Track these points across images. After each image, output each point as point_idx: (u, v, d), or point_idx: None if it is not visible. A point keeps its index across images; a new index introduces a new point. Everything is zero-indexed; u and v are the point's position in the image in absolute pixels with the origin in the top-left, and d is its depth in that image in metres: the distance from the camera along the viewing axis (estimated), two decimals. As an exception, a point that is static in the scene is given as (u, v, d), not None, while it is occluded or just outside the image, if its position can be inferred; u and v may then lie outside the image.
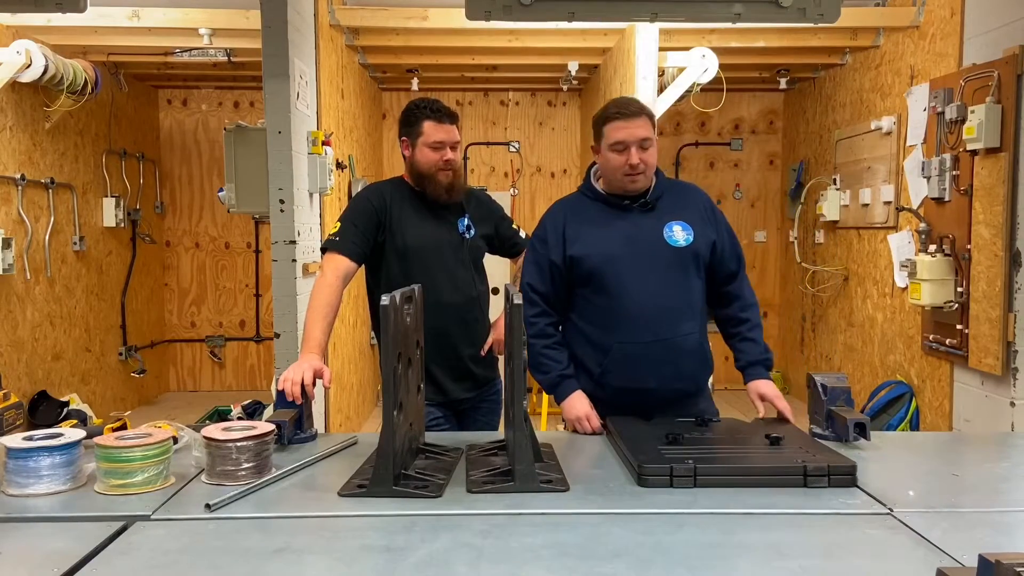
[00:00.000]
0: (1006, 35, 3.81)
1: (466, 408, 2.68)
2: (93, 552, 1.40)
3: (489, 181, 7.10)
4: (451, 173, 2.55)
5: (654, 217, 2.34)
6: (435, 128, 2.53)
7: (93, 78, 5.21)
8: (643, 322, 2.28)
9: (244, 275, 7.15)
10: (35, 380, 5.11)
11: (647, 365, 2.29)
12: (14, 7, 3.28)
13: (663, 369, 2.29)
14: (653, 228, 2.32)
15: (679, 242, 2.31)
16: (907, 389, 4.70)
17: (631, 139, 2.26)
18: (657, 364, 2.29)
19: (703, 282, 2.39)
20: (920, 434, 3.93)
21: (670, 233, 2.32)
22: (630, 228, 2.33)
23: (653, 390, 2.30)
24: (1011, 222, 3.74)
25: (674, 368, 2.30)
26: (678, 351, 2.30)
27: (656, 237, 2.31)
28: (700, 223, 2.36)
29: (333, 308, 2.42)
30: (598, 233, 2.33)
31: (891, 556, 1.41)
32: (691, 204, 2.41)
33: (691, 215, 2.37)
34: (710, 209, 2.43)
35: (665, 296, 2.29)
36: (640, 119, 2.28)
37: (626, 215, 2.34)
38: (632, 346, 2.28)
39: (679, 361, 2.31)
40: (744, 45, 5.21)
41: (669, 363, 2.29)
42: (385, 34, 5.10)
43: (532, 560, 1.39)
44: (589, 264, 2.31)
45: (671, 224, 2.33)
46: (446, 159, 2.53)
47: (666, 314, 2.29)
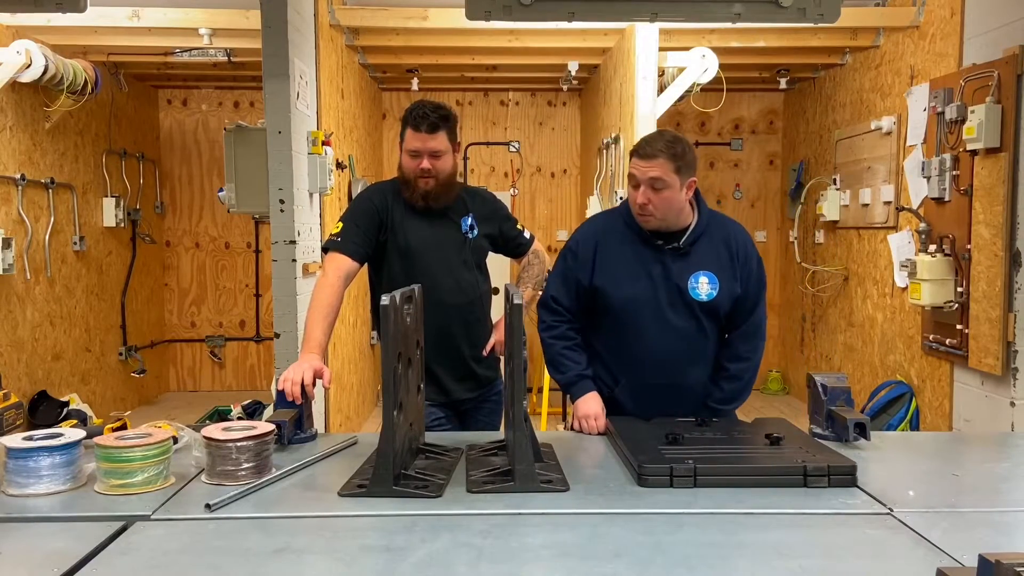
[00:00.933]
0: (1006, 35, 3.81)
1: (468, 408, 2.68)
2: (93, 552, 1.40)
3: (489, 181, 7.10)
4: (431, 181, 2.51)
5: (683, 264, 2.32)
6: (412, 136, 2.51)
7: (93, 78, 5.21)
8: (655, 365, 2.34)
9: (244, 275, 7.15)
10: (35, 380, 5.11)
11: (653, 402, 2.33)
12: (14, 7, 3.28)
13: (667, 407, 2.32)
14: (680, 275, 2.31)
15: (701, 296, 2.31)
16: (907, 389, 4.70)
17: (641, 178, 2.24)
18: (663, 403, 2.33)
19: (720, 329, 2.40)
20: (920, 434, 3.93)
21: (695, 285, 2.31)
22: (658, 272, 2.32)
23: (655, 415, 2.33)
24: (1011, 222, 3.74)
25: (678, 406, 2.34)
26: (684, 394, 2.37)
27: (681, 286, 2.31)
28: (729, 275, 2.34)
29: (334, 308, 2.42)
30: (626, 269, 2.33)
31: (891, 556, 1.41)
32: (726, 250, 2.37)
33: (722, 265, 2.34)
34: (743, 256, 2.38)
35: (679, 344, 2.33)
36: (657, 160, 2.22)
37: (657, 255, 2.33)
38: (641, 384, 2.35)
39: (683, 402, 2.35)
40: (744, 45, 5.21)
41: (674, 403, 2.34)
42: (385, 34, 5.10)
43: (532, 560, 1.39)
44: (612, 301, 2.33)
45: (698, 275, 2.32)
46: (422, 168, 2.50)
47: (678, 360, 2.34)
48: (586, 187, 6.68)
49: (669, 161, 2.22)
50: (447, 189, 2.57)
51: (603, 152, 5.54)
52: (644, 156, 2.24)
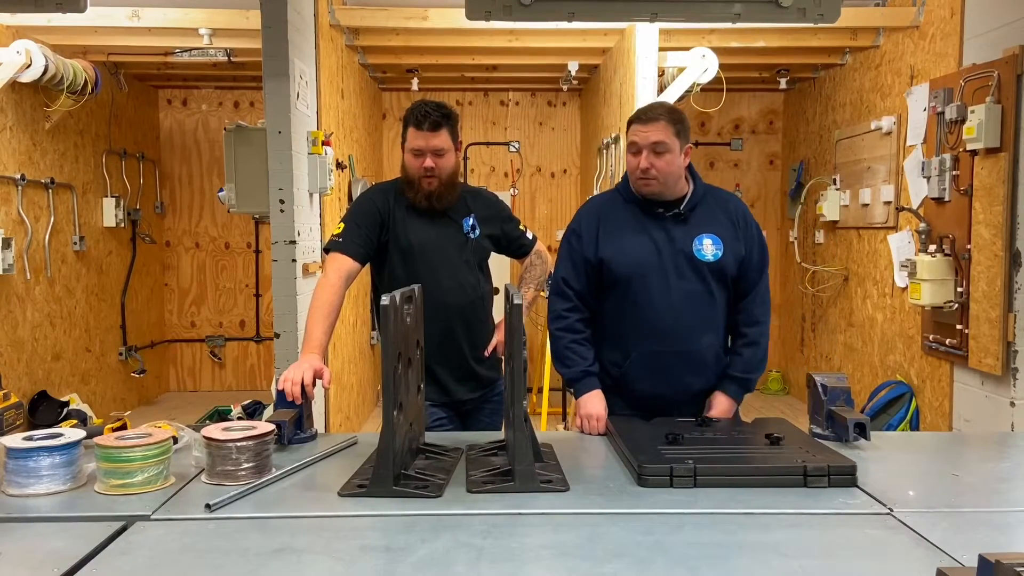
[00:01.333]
0: (1006, 35, 3.81)
1: (470, 409, 2.68)
2: (93, 552, 1.40)
3: (489, 181, 7.10)
4: (434, 181, 2.51)
5: (686, 229, 2.34)
6: (414, 135, 2.51)
7: (93, 78, 5.21)
8: (665, 333, 2.32)
9: (244, 275, 7.15)
10: (35, 380, 5.11)
11: (665, 373, 2.33)
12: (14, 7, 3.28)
13: (681, 378, 2.34)
14: (684, 240, 2.33)
15: (707, 257, 2.32)
16: (907, 389, 4.70)
17: (643, 142, 2.27)
18: (675, 373, 2.33)
19: (728, 293, 2.40)
20: (920, 434, 3.93)
21: (699, 247, 2.33)
22: (661, 238, 2.33)
23: (668, 395, 2.35)
24: (1011, 222, 3.74)
25: (691, 378, 2.35)
26: (696, 362, 2.35)
27: (685, 249, 2.32)
28: (732, 237, 2.36)
29: (335, 308, 2.42)
30: (630, 239, 2.35)
31: (891, 556, 1.41)
32: (725, 215, 2.40)
33: (724, 228, 2.37)
34: (743, 221, 2.42)
35: (689, 309, 2.32)
36: (658, 124, 2.27)
37: (659, 223, 2.35)
38: (652, 355, 2.33)
39: (697, 371, 2.35)
40: (744, 45, 5.21)
41: (687, 372, 2.34)
42: (385, 34, 5.10)
43: (532, 560, 1.39)
44: (618, 270, 2.33)
45: (701, 237, 2.34)
46: (426, 166, 2.50)
47: (688, 326, 2.32)
48: (586, 187, 6.68)
49: (670, 124, 2.27)
50: (450, 188, 2.58)
51: (603, 152, 5.54)
52: (646, 120, 2.28)
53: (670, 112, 2.31)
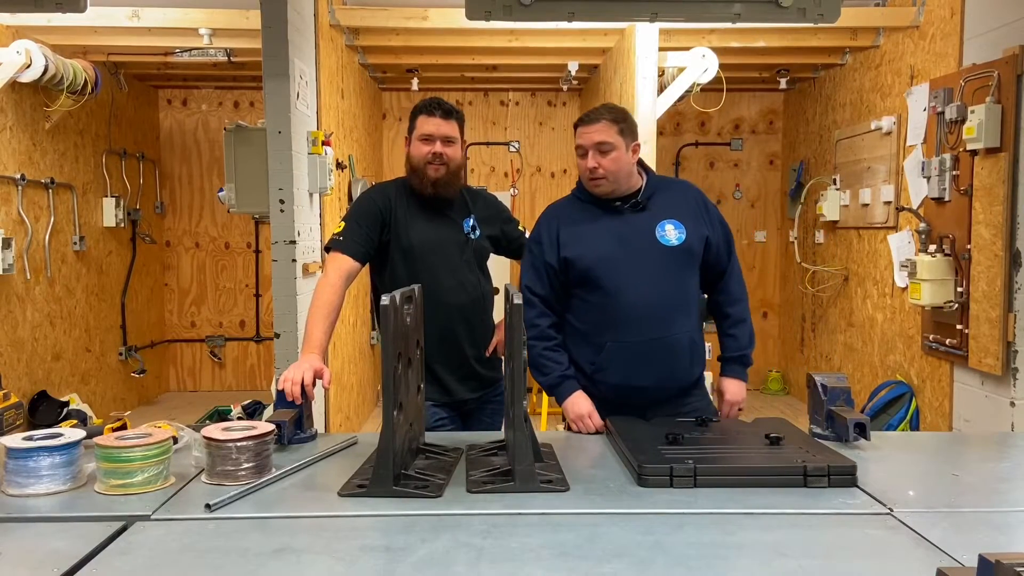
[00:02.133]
0: (1006, 35, 3.81)
1: (471, 409, 2.68)
2: (93, 552, 1.40)
3: (489, 181, 7.10)
4: (442, 168, 2.54)
5: (646, 217, 2.37)
6: (425, 121, 2.54)
7: (93, 78, 5.21)
8: (637, 321, 2.31)
9: (244, 275, 7.15)
10: (35, 380, 5.11)
11: (641, 363, 2.32)
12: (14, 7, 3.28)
13: (657, 367, 2.33)
14: (645, 228, 2.35)
15: (671, 241, 2.34)
16: (907, 389, 4.70)
17: (588, 144, 2.32)
18: (651, 362, 2.32)
19: (697, 278, 2.43)
20: (920, 434, 3.93)
21: (662, 232, 2.35)
22: (622, 228, 2.36)
23: (647, 388, 2.34)
24: (1011, 222, 3.74)
25: (668, 365, 2.34)
26: (671, 349, 2.34)
27: (648, 236, 2.34)
28: (693, 220, 2.39)
29: (335, 308, 2.42)
30: (591, 234, 2.36)
31: (891, 556, 1.41)
32: (684, 201, 2.44)
33: (683, 212, 2.39)
34: (702, 204, 2.46)
35: (658, 295, 2.32)
36: (599, 124, 2.32)
37: (618, 215, 2.38)
38: (626, 345, 2.32)
39: (672, 358, 2.35)
40: (744, 45, 5.22)
41: (662, 361, 2.33)
42: (385, 34, 5.10)
43: (532, 560, 1.39)
44: (583, 264, 2.34)
45: (663, 223, 2.36)
46: (435, 152, 2.52)
47: (659, 313, 2.32)
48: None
49: (611, 124, 2.32)
50: (455, 180, 2.60)
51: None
52: (587, 122, 2.34)
53: (611, 111, 2.36)
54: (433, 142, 2.53)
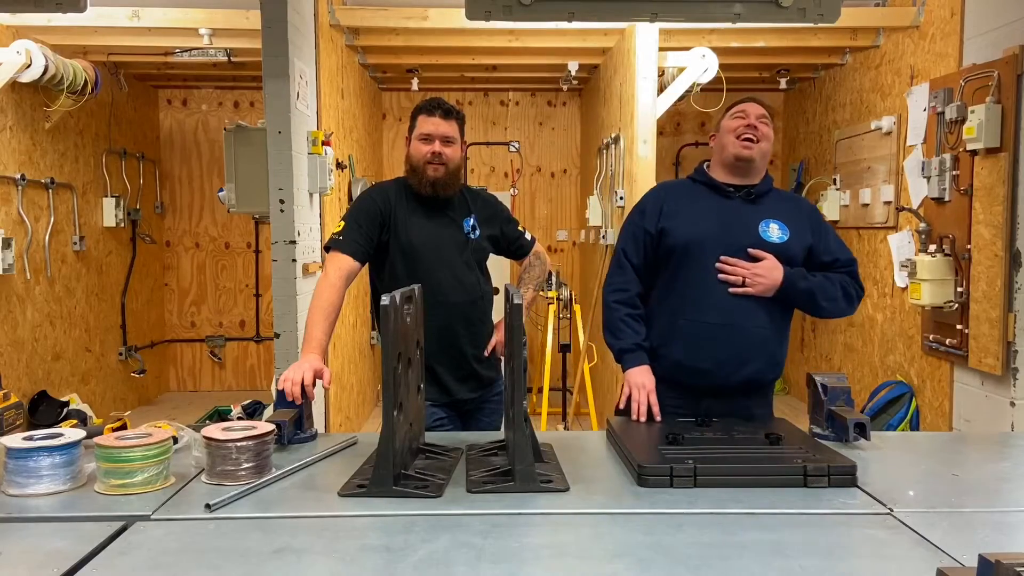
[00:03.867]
0: (1006, 35, 3.81)
1: (470, 409, 2.68)
2: (93, 552, 1.40)
3: (489, 181, 7.10)
4: (441, 168, 2.54)
5: (755, 210, 2.37)
6: (425, 121, 2.56)
7: (93, 78, 5.21)
8: (714, 304, 2.30)
9: (244, 275, 7.15)
10: (35, 380, 5.11)
11: (707, 345, 2.29)
12: (14, 7, 3.28)
13: (721, 353, 2.29)
14: (750, 220, 2.35)
15: (772, 239, 2.33)
16: (907, 389, 4.70)
17: (753, 112, 2.37)
18: (717, 347, 2.29)
19: None
20: (920, 434, 3.93)
21: (765, 229, 2.35)
22: (728, 214, 2.36)
23: (707, 371, 2.30)
24: (1011, 222, 3.74)
25: (733, 355, 2.30)
26: (741, 340, 2.29)
27: (751, 229, 2.34)
28: (800, 227, 2.37)
29: (335, 308, 2.42)
30: (695, 211, 2.38)
31: (891, 556, 1.41)
32: (796, 210, 2.43)
33: (793, 218, 2.38)
34: (815, 218, 2.45)
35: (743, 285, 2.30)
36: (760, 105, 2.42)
37: (728, 201, 2.39)
38: (697, 324, 2.30)
39: (740, 349, 2.30)
40: (744, 45, 5.21)
41: (729, 349, 2.29)
42: (385, 34, 5.10)
43: (532, 560, 1.39)
44: (677, 237, 2.35)
45: (769, 221, 2.36)
46: (434, 151, 2.53)
47: (738, 303, 2.29)
48: (586, 187, 6.68)
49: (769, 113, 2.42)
50: (455, 180, 2.61)
51: (603, 152, 5.54)
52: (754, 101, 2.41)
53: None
54: (432, 142, 2.54)
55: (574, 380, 6.04)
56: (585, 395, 5.64)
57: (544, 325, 6.15)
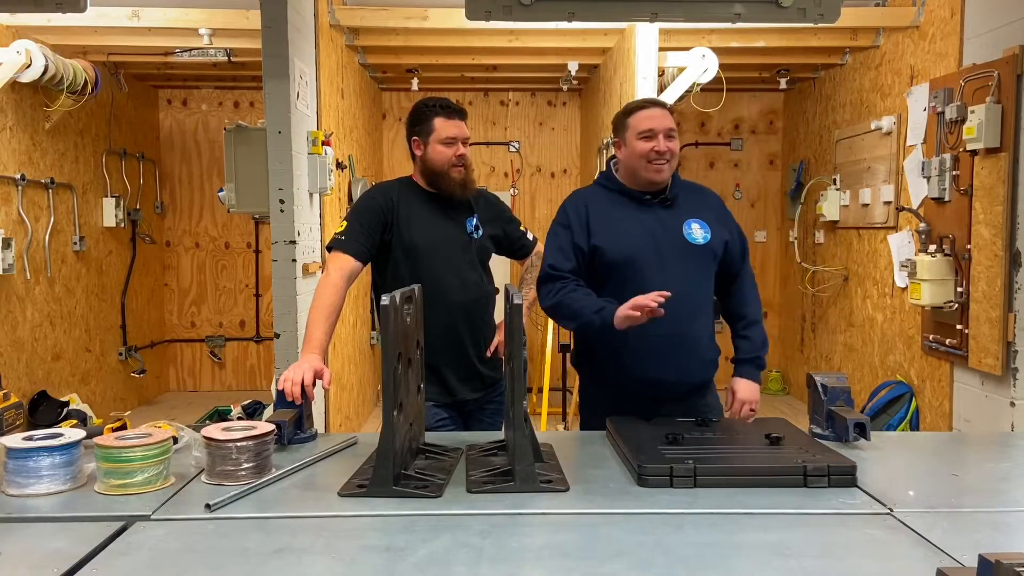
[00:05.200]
0: (1006, 35, 3.81)
1: (472, 409, 2.67)
2: (93, 552, 1.40)
3: (489, 181, 7.10)
4: (463, 169, 2.57)
5: (673, 214, 2.41)
6: (446, 124, 2.55)
7: (93, 78, 5.21)
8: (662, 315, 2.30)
9: (244, 275, 7.15)
10: (35, 380, 5.11)
11: (661, 357, 2.35)
12: (14, 7, 3.28)
13: (677, 362, 2.36)
14: (674, 224, 2.39)
15: (698, 240, 2.39)
16: (907, 389, 4.70)
17: (661, 128, 2.36)
18: (671, 357, 2.35)
19: (713, 279, 2.48)
20: (920, 434, 3.93)
21: (689, 231, 2.39)
22: (652, 222, 2.39)
23: (665, 382, 2.37)
24: (1011, 222, 3.74)
25: (687, 361, 2.38)
26: (691, 345, 2.38)
27: (676, 233, 2.38)
28: (715, 222, 2.44)
29: (336, 308, 2.42)
30: (621, 226, 2.40)
31: (891, 556, 1.41)
32: (706, 204, 2.50)
33: (707, 214, 2.45)
34: (722, 209, 2.53)
35: (682, 291, 2.33)
36: (665, 111, 2.41)
37: (647, 209, 2.42)
38: (651, 339, 2.32)
39: (691, 355, 2.39)
40: (744, 45, 5.21)
41: (682, 356, 2.37)
42: (385, 34, 5.10)
43: (532, 560, 1.39)
44: (611, 256, 2.37)
45: (690, 222, 2.41)
46: (459, 154, 2.55)
47: (684, 308, 2.33)
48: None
49: (670, 115, 2.42)
50: (472, 179, 2.64)
51: (603, 152, 5.54)
52: (654, 106, 2.41)
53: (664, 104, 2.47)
54: (456, 145, 2.55)
55: (574, 380, 6.03)
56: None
57: (544, 325, 6.15)
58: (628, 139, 2.41)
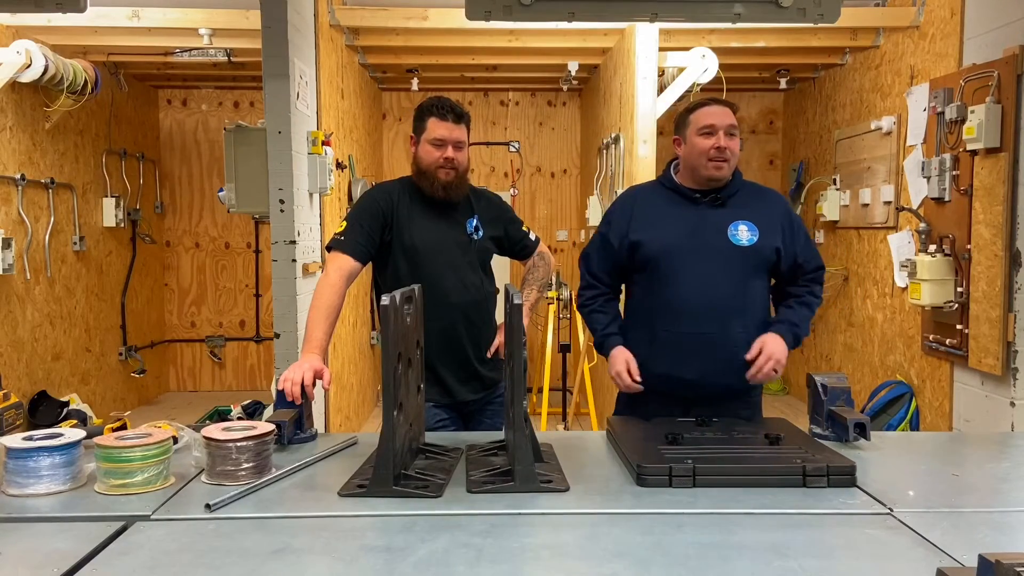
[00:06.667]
0: (1006, 35, 3.81)
1: (472, 410, 2.66)
2: (93, 552, 1.40)
3: (489, 181, 7.10)
4: (452, 172, 2.52)
5: (723, 214, 2.37)
6: (437, 124, 2.53)
7: (93, 78, 5.21)
8: (692, 313, 2.32)
9: (244, 275, 7.15)
10: (35, 380, 5.11)
11: (689, 356, 2.32)
12: (14, 7, 3.28)
13: (704, 362, 2.32)
14: (719, 224, 2.35)
15: (742, 241, 2.34)
16: (907, 389, 4.70)
17: (722, 124, 2.33)
18: (698, 356, 2.32)
19: (766, 284, 2.41)
20: (920, 434, 3.93)
21: (734, 232, 2.35)
22: (696, 220, 2.37)
23: (691, 381, 2.33)
24: (1011, 222, 3.74)
25: (715, 363, 2.32)
26: (722, 346, 2.32)
27: (720, 232, 2.35)
28: (770, 227, 2.38)
29: (335, 309, 2.41)
30: (664, 221, 2.39)
31: (891, 556, 1.41)
32: (766, 208, 2.43)
33: (762, 218, 2.39)
34: (786, 216, 2.44)
35: (718, 292, 2.32)
36: (728, 108, 2.38)
37: (696, 207, 2.40)
38: (677, 335, 2.32)
39: (722, 357, 2.32)
40: (744, 45, 5.21)
41: (711, 357, 2.32)
42: (385, 34, 5.10)
43: (532, 560, 1.39)
44: (648, 250, 2.37)
45: (737, 223, 2.36)
46: (446, 156, 2.51)
47: (716, 309, 2.31)
48: (586, 187, 6.68)
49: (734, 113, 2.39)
50: (464, 183, 2.60)
51: (603, 152, 5.54)
52: (717, 103, 2.38)
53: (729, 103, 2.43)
54: (445, 147, 2.51)
55: (574, 380, 6.04)
56: (585, 395, 5.64)
57: (544, 325, 6.15)
58: (689, 136, 2.39)
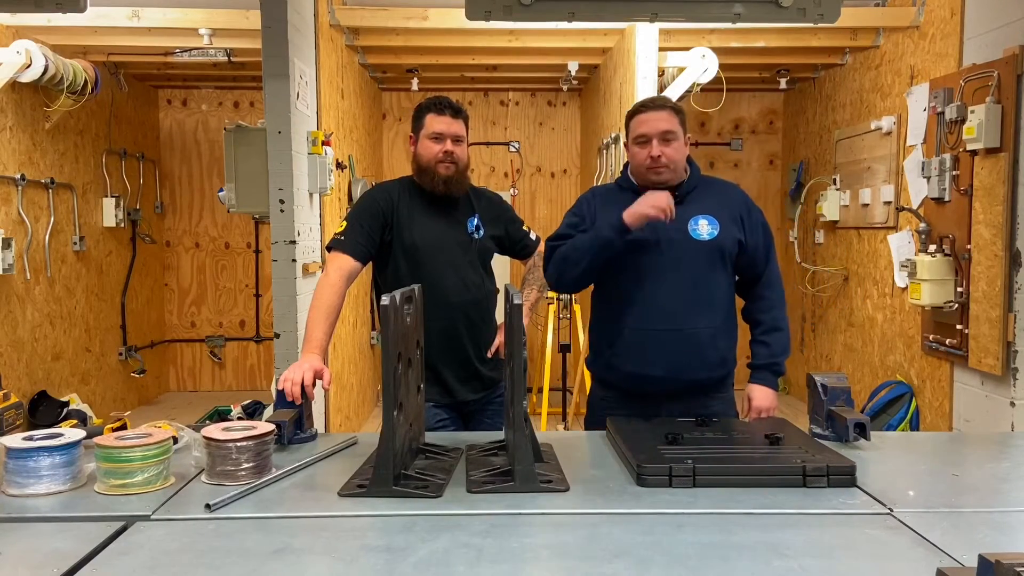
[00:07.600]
0: (1006, 35, 3.81)
1: (473, 410, 2.67)
2: (93, 552, 1.40)
3: (489, 181, 7.10)
4: (452, 166, 2.54)
5: (682, 210, 2.37)
6: (435, 119, 2.54)
7: (93, 78, 5.21)
8: (656, 310, 2.33)
9: (244, 275, 7.15)
10: (35, 380, 5.11)
11: (654, 352, 2.33)
12: (14, 7, 3.28)
13: (670, 358, 2.33)
14: (679, 220, 2.35)
15: (702, 236, 2.36)
16: (907, 389, 4.70)
17: (653, 132, 2.33)
18: (664, 352, 2.33)
19: (729, 277, 2.43)
20: (920, 434, 3.93)
21: (695, 227, 2.37)
22: None
23: (658, 378, 2.34)
24: (1011, 222, 3.74)
25: (681, 358, 2.34)
26: (687, 342, 2.34)
27: (680, 229, 2.35)
28: (729, 220, 2.40)
29: (335, 308, 2.42)
30: None
31: (891, 556, 1.41)
32: (724, 201, 2.45)
33: (721, 211, 2.41)
34: (744, 207, 2.48)
35: (681, 288, 2.33)
36: (663, 112, 2.35)
37: None
38: (642, 332, 2.33)
39: (687, 352, 2.34)
40: (744, 45, 5.21)
41: (677, 353, 2.33)
42: (385, 34, 5.10)
43: (532, 560, 1.39)
44: None
45: (697, 218, 2.38)
46: (445, 151, 2.52)
47: (681, 305, 2.33)
48: (586, 187, 6.67)
49: (674, 114, 2.36)
50: (464, 178, 2.61)
51: (603, 152, 5.54)
52: (652, 108, 2.35)
53: (670, 101, 2.42)
54: (443, 141, 2.53)
55: (574, 380, 6.04)
56: (585, 395, 5.64)
57: (544, 325, 6.15)
58: (629, 143, 2.42)
